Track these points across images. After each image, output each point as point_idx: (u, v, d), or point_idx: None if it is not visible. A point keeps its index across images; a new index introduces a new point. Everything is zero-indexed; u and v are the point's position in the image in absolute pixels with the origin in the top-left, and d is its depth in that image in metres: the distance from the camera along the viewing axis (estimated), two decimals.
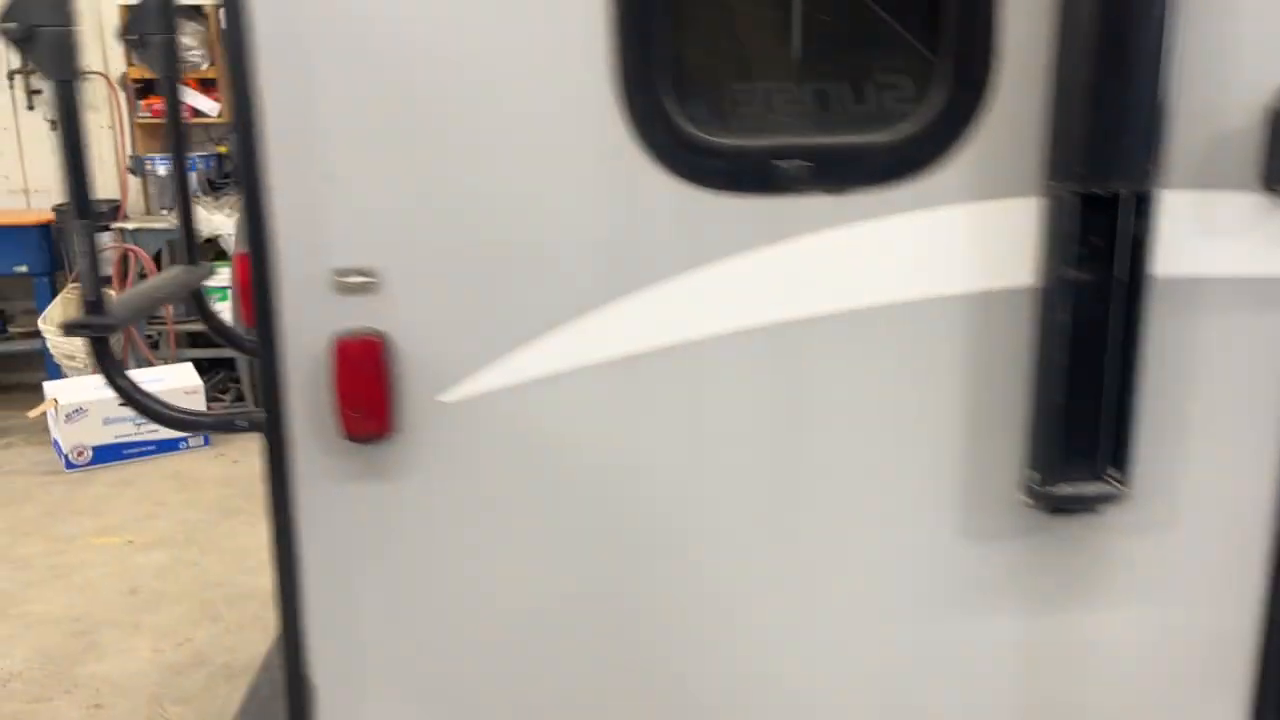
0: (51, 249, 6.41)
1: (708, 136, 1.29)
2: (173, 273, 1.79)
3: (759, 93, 1.32)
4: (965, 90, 1.28)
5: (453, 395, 1.36)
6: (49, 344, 6.15)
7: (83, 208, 1.38)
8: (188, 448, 6.11)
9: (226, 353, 6.51)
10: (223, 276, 6.39)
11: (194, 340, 6.60)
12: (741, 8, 1.35)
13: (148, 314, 1.78)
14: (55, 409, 5.44)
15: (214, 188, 6.75)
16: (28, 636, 3.94)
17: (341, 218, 1.31)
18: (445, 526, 1.39)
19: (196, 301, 1.83)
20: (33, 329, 6.46)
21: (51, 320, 6.19)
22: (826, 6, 1.32)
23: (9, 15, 1.31)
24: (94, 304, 1.39)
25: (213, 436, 6.09)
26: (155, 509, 5.26)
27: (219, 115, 6.62)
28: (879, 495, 1.39)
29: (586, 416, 1.37)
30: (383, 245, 1.32)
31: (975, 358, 1.35)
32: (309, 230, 1.31)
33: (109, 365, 1.41)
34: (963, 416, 1.37)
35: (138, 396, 1.43)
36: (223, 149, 6.89)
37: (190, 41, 6.47)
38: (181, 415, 1.44)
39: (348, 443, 1.35)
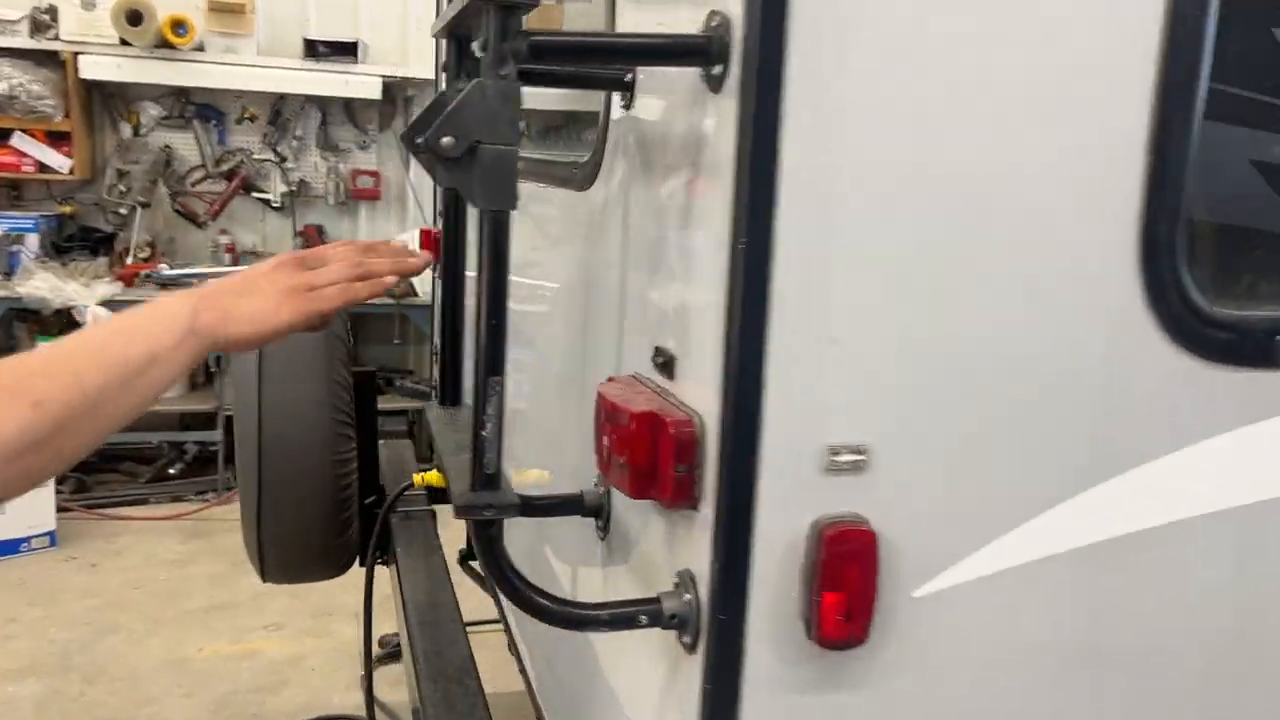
0: None
1: (1216, 307, 1.20)
2: (466, 419, 1.49)
3: (1264, 262, 1.25)
4: None
5: (925, 590, 1.18)
6: None
7: (497, 362, 1.12)
8: (30, 549, 5.36)
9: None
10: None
11: None
12: (1261, 178, 1.27)
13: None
14: None
15: (59, 251, 6.04)
16: None
17: (839, 387, 1.12)
18: None
19: None
20: None
21: None
22: None
23: (444, 129, 1.05)
24: (492, 478, 1.12)
25: (59, 536, 5.36)
26: (8, 627, 4.54)
27: (70, 171, 5.95)
28: None
29: (1055, 607, 1.23)
30: (877, 419, 1.14)
31: None
32: (804, 400, 1.11)
33: (499, 553, 1.14)
34: None
35: (528, 592, 1.16)
36: (68, 209, 6.19)
37: (42, 90, 5.81)
38: (579, 612, 1.18)
39: (812, 647, 1.15)
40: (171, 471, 6.03)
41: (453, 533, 3.50)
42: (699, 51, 1.14)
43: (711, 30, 1.13)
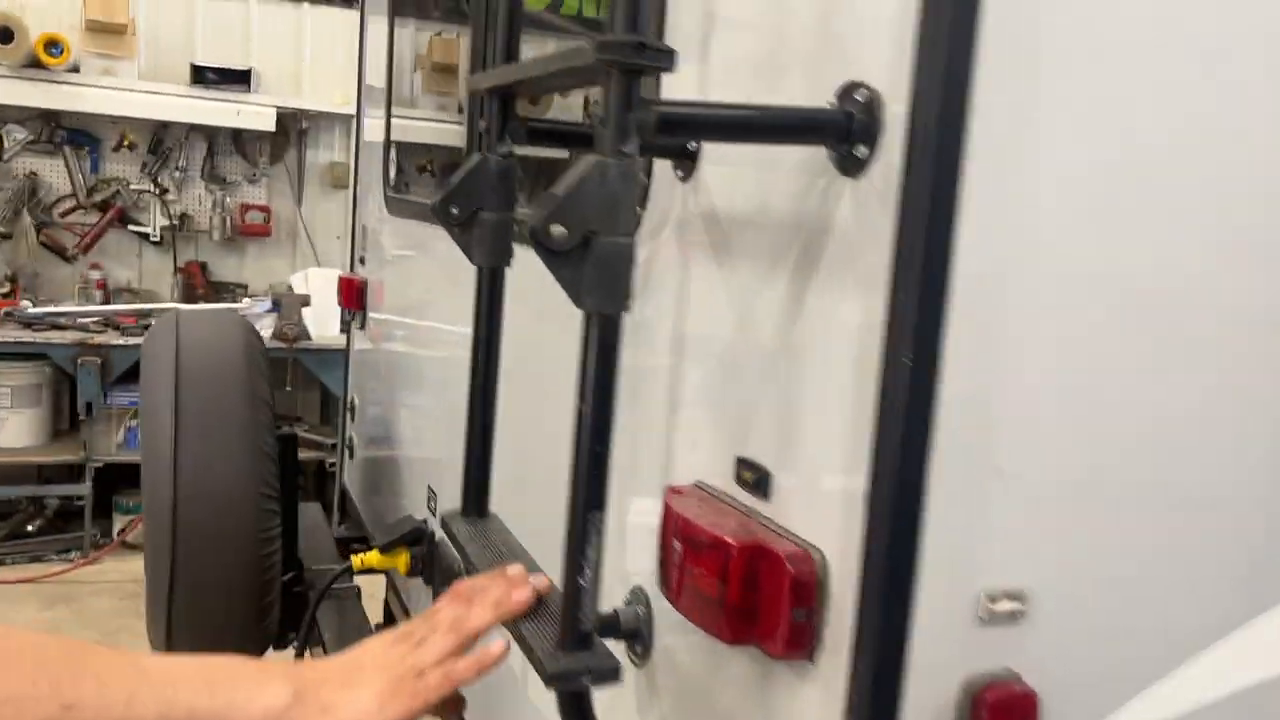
0: None
1: None
2: (499, 535, 1.26)
3: None
4: None
5: None
6: None
7: (599, 494, 0.92)
8: None
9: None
10: None
11: None
12: None
13: None
14: None
15: None
16: None
17: (1000, 524, 0.96)
18: None
19: None
20: None
21: None
22: None
23: (557, 216, 0.86)
24: (587, 636, 0.92)
25: None
26: None
27: None
28: None
29: None
30: (1036, 561, 0.99)
31: None
32: (962, 540, 0.95)
33: None
34: None
35: None
36: None
37: None
38: None
39: None
40: (30, 529, 5.50)
41: (373, 606, 3.25)
42: (833, 129, 0.97)
43: (853, 104, 0.97)
